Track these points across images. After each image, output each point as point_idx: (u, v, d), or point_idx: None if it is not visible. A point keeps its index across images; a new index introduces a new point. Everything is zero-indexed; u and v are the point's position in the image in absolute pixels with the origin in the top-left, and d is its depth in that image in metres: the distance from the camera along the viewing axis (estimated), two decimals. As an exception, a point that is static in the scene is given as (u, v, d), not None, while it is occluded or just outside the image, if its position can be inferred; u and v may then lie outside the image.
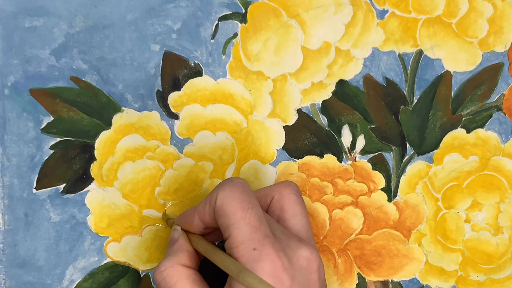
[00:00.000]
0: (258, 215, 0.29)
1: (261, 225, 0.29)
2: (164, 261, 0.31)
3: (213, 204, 0.30)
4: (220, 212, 0.30)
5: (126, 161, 0.36)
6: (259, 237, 0.29)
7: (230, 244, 0.29)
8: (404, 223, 0.39)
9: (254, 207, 0.30)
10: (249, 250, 0.28)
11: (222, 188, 0.30)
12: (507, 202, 0.40)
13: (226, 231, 0.29)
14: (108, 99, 0.35)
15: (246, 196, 0.30)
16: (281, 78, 0.37)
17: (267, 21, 0.36)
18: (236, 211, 0.29)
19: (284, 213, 0.32)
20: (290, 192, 0.33)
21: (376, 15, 0.38)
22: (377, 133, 0.38)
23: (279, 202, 0.33)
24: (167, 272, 0.30)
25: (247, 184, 0.31)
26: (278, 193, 0.33)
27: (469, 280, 0.40)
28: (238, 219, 0.29)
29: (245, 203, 0.29)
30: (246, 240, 0.29)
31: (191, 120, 0.36)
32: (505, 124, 0.40)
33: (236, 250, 0.29)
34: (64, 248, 0.35)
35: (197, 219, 0.32)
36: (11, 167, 0.35)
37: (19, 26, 0.34)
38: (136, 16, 0.35)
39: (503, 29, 0.39)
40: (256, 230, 0.29)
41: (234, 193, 0.30)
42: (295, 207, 0.33)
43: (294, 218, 0.32)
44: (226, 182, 0.31)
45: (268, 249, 0.28)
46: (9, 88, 0.34)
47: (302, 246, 0.30)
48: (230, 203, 0.29)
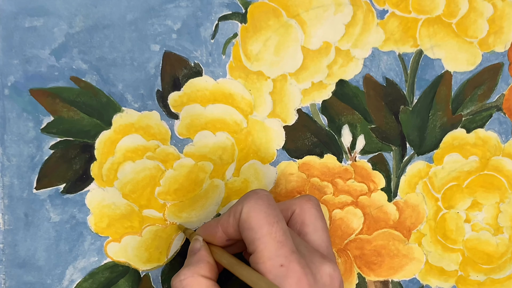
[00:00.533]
0: (284, 230, 0.29)
1: (287, 240, 0.29)
2: (184, 270, 0.31)
3: (237, 217, 0.30)
4: (246, 225, 0.30)
5: (126, 161, 0.36)
6: (286, 253, 0.29)
7: (257, 259, 0.29)
8: (404, 223, 0.39)
9: (280, 221, 0.30)
10: (276, 267, 0.28)
11: (247, 200, 0.30)
12: (507, 202, 0.40)
13: (251, 245, 0.29)
14: (108, 99, 0.35)
15: (272, 210, 0.30)
16: (281, 78, 0.37)
17: (267, 21, 0.36)
18: (262, 225, 0.29)
19: (305, 227, 0.32)
20: (311, 207, 0.33)
21: (376, 15, 0.38)
22: (377, 133, 0.38)
23: (300, 216, 0.33)
24: (186, 281, 0.30)
25: (272, 196, 0.31)
26: (299, 207, 0.33)
27: (469, 280, 0.40)
28: (264, 233, 0.29)
29: (271, 217, 0.29)
30: (273, 256, 0.29)
31: (191, 120, 0.36)
32: (505, 124, 0.40)
33: (263, 266, 0.29)
34: (64, 248, 0.35)
35: (220, 231, 0.32)
36: (11, 167, 0.35)
37: (19, 26, 0.34)
38: (136, 16, 0.35)
39: (503, 29, 0.39)
40: (282, 246, 0.29)
41: (260, 206, 0.30)
42: (316, 222, 0.32)
43: (315, 233, 0.32)
44: (251, 195, 0.30)
45: (295, 266, 0.28)
46: (9, 88, 0.34)
47: (325, 262, 0.30)
48: (255, 216, 0.29)
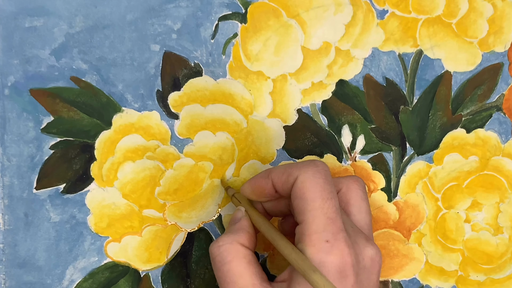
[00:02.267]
0: (336, 207, 0.29)
1: (337, 217, 0.29)
2: (224, 237, 0.31)
3: (291, 181, 0.30)
4: (299, 194, 0.29)
5: (126, 161, 0.36)
6: (334, 230, 0.28)
7: (303, 230, 0.29)
8: (404, 223, 0.39)
9: (334, 198, 0.29)
10: (321, 241, 0.28)
11: (305, 169, 0.30)
12: (507, 202, 0.40)
13: (300, 215, 0.29)
14: (108, 99, 0.35)
15: (328, 185, 0.30)
16: (281, 78, 0.37)
17: (267, 21, 0.36)
18: (315, 198, 0.29)
19: (350, 207, 0.32)
20: (358, 188, 0.33)
21: (376, 15, 0.38)
22: (377, 133, 0.38)
23: (345, 195, 0.32)
24: (224, 247, 0.30)
25: (329, 171, 0.31)
26: (345, 186, 0.33)
27: (469, 280, 0.40)
28: (316, 207, 0.29)
29: (326, 192, 0.29)
30: (321, 230, 0.28)
31: (191, 120, 0.36)
32: (505, 124, 0.40)
33: (308, 238, 0.28)
34: (64, 248, 0.35)
35: (270, 184, 0.31)
36: (11, 167, 0.35)
37: (19, 26, 0.34)
38: (136, 16, 0.35)
39: (503, 29, 0.39)
40: (332, 223, 0.29)
41: (317, 179, 0.29)
42: (362, 203, 0.32)
43: (359, 214, 0.32)
44: (311, 165, 0.30)
45: (340, 244, 0.28)
46: (9, 88, 0.34)
47: (368, 245, 0.30)
48: (311, 188, 0.29)
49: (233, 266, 0.30)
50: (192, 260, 0.37)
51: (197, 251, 0.37)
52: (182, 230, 0.37)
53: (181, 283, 0.37)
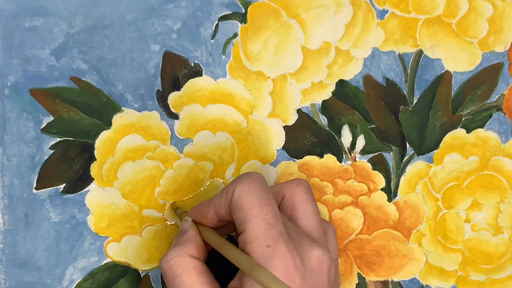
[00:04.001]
0: (274, 212, 0.29)
1: (277, 222, 0.29)
2: (172, 250, 0.31)
3: (229, 197, 0.30)
4: (237, 206, 0.30)
5: (126, 161, 0.36)
6: (274, 235, 0.29)
7: (244, 239, 0.29)
8: (404, 223, 0.39)
9: (271, 204, 0.30)
10: (262, 247, 0.28)
11: (240, 182, 0.30)
12: (507, 202, 0.40)
13: (241, 225, 0.29)
14: (108, 99, 0.35)
15: (263, 192, 0.30)
16: (281, 78, 0.37)
17: (267, 21, 0.36)
18: (253, 206, 0.29)
19: (296, 211, 0.32)
20: (302, 191, 0.33)
21: (376, 15, 0.38)
22: (377, 133, 0.38)
23: (290, 200, 0.32)
24: (173, 261, 0.30)
25: (265, 179, 0.31)
26: (289, 192, 0.33)
27: (469, 280, 0.40)
28: (254, 214, 0.29)
29: (262, 199, 0.29)
30: (261, 236, 0.28)
31: (191, 120, 0.36)
32: (505, 124, 0.40)
33: (250, 246, 0.29)
34: (64, 248, 0.35)
35: (212, 211, 0.32)
36: (11, 167, 0.35)
37: (19, 26, 0.34)
38: (136, 16, 0.35)
39: (503, 29, 0.39)
40: (271, 227, 0.29)
41: (252, 187, 0.30)
42: (307, 206, 0.32)
43: (305, 217, 0.32)
44: (245, 176, 0.30)
45: (281, 247, 0.28)
46: (9, 88, 0.34)
47: (314, 246, 0.30)
48: (247, 197, 0.29)
49: (184, 279, 0.30)
50: (192, 260, 0.37)
51: (197, 251, 0.37)
52: (182, 230, 0.37)
53: (181, 283, 0.37)
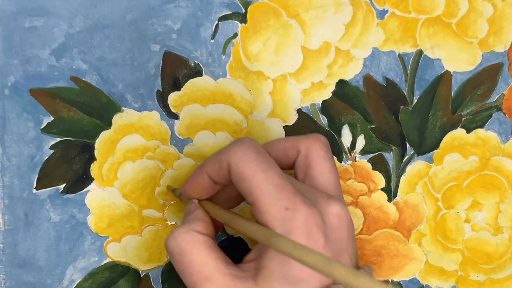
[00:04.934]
0: (280, 174, 0.28)
1: (286, 182, 0.28)
2: (179, 228, 0.29)
3: (225, 167, 0.29)
4: (239, 176, 0.28)
5: (126, 161, 0.36)
6: (288, 195, 0.27)
7: (258, 208, 0.27)
8: (404, 223, 0.39)
9: (273, 167, 0.28)
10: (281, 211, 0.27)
11: (234, 150, 0.28)
12: (507, 202, 0.40)
13: (249, 196, 0.28)
14: (108, 99, 0.35)
15: (262, 157, 0.28)
16: (281, 78, 0.37)
17: (267, 21, 0.36)
18: (255, 173, 0.27)
19: (312, 170, 0.30)
20: (319, 148, 0.31)
21: (376, 15, 0.38)
22: (377, 133, 0.38)
23: (306, 158, 0.31)
24: (182, 237, 0.29)
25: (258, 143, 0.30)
26: (306, 148, 0.31)
27: (469, 280, 0.40)
28: (259, 180, 0.27)
29: (263, 164, 0.28)
30: (275, 200, 0.27)
31: (191, 120, 0.36)
32: (505, 124, 0.40)
33: (267, 214, 0.27)
34: (64, 248, 0.35)
35: (206, 177, 0.30)
36: (11, 167, 0.35)
37: (19, 26, 0.34)
38: (136, 16, 0.35)
39: (503, 29, 0.39)
40: (282, 189, 0.27)
41: (249, 154, 0.28)
42: (324, 164, 0.30)
43: (322, 176, 0.30)
44: (237, 144, 0.29)
45: (301, 207, 0.27)
46: (9, 88, 0.34)
47: (331, 202, 0.28)
48: (247, 166, 0.28)
49: (194, 255, 0.28)
50: (192, 260, 0.37)
51: (197, 251, 0.37)
52: (182, 230, 0.37)
53: (181, 283, 0.37)
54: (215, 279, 0.28)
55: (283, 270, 0.27)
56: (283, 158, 0.32)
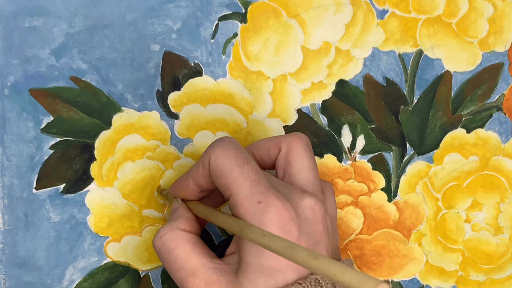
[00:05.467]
0: (256, 169, 0.29)
1: (261, 178, 0.29)
2: (163, 228, 0.31)
3: (207, 166, 0.30)
4: (217, 173, 0.29)
5: (126, 161, 0.36)
6: (262, 190, 0.28)
7: (234, 202, 0.28)
8: (404, 223, 0.39)
9: (250, 162, 0.29)
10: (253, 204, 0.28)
11: (214, 149, 0.30)
12: (507, 202, 0.40)
13: (226, 190, 0.29)
14: (108, 99, 0.35)
15: (239, 153, 0.29)
16: (281, 78, 0.37)
17: (267, 21, 0.36)
18: (232, 168, 0.29)
19: (291, 168, 0.31)
20: (299, 146, 0.31)
21: (376, 15, 0.38)
22: (377, 133, 0.38)
23: (286, 156, 0.32)
24: (166, 236, 0.30)
25: (237, 141, 0.31)
26: (286, 146, 0.32)
27: (469, 280, 0.40)
28: (236, 176, 0.28)
29: (240, 160, 0.29)
30: (249, 194, 0.28)
31: (191, 120, 0.36)
32: (505, 124, 0.40)
33: (241, 207, 0.28)
34: (64, 248, 0.35)
35: (191, 183, 0.31)
36: (11, 167, 0.35)
37: (19, 26, 0.34)
38: (136, 16, 0.35)
39: (503, 29, 0.39)
40: (257, 184, 0.28)
41: (227, 151, 0.29)
42: (303, 162, 0.31)
43: (300, 173, 0.31)
44: (217, 143, 0.30)
45: (273, 200, 0.28)
46: (9, 88, 0.34)
47: (305, 196, 0.29)
48: (224, 162, 0.29)
49: (179, 252, 0.30)
50: (192, 260, 0.37)
51: (197, 251, 0.37)
52: (182, 230, 0.37)
53: (181, 283, 0.37)
54: (199, 274, 0.29)
55: (258, 261, 0.28)
56: (266, 157, 0.33)
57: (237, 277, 0.28)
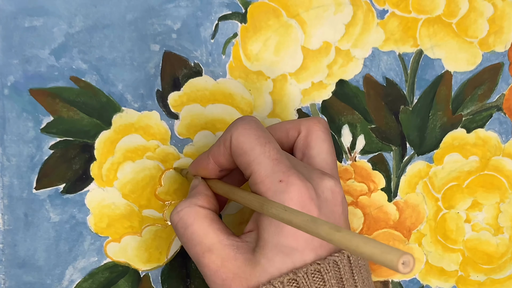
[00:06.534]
0: (277, 149, 0.29)
1: (282, 157, 0.29)
2: (181, 203, 0.31)
3: (228, 145, 0.30)
4: (238, 151, 0.29)
5: (126, 161, 0.36)
6: (283, 169, 0.28)
7: (254, 180, 0.29)
8: (404, 223, 0.39)
9: (271, 141, 0.29)
10: (275, 183, 0.28)
11: (235, 127, 0.30)
12: (507, 202, 0.40)
13: (247, 168, 0.29)
14: (108, 99, 0.35)
15: (261, 132, 0.29)
16: (281, 78, 0.37)
17: (267, 21, 0.36)
18: (254, 147, 0.29)
19: (310, 150, 0.31)
20: (319, 129, 0.32)
21: (376, 15, 0.38)
22: (377, 133, 0.38)
23: (306, 138, 0.32)
24: (184, 212, 0.30)
25: (259, 120, 0.31)
26: (306, 129, 0.32)
27: (469, 280, 0.40)
28: (257, 154, 0.28)
29: (261, 139, 0.29)
30: (270, 173, 0.28)
31: (191, 120, 0.36)
32: (505, 124, 0.40)
33: (261, 185, 0.28)
34: (64, 248, 0.35)
35: (212, 162, 0.31)
36: (11, 167, 0.35)
37: (19, 26, 0.34)
38: (136, 16, 0.35)
39: (503, 29, 0.39)
40: (278, 163, 0.28)
41: (248, 130, 0.29)
42: (322, 145, 0.31)
43: (319, 156, 0.31)
44: (238, 121, 0.30)
45: (294, 179, 0.28)
46: (9, 88, 0.34)
47: (325, 177, 0.29)
48: (246, 140, 0.29)
49: (196, 228, 0.29)
50: (192, 260, 0.37)
51: (197, 251, 0.37)
52: (182, 230, 0.36)
53: (181, 283, 0.37)
54: (216, 250, 0.29)
55: (276, 240, 0.28)
56: (285, 139, 0.33)
57: (254, 255, 0.28)
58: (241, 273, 0.28)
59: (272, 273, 0.27)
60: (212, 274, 0.29)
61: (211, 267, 0.29)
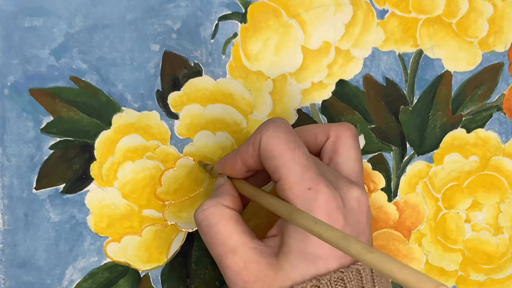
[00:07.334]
0: (307, 155, 0.29)
1: (311, 164, 0.28)
2: (207, 201, 0.30)
3: (257, 147, 0.30)
4: (267, 154, 0.29)
5: (126, 161, 0.36)
6: (312, 176, 0.28)
7: (283, 186, 0.28)
8: (404, 223, 0.39)
9: (301, 146, 0.29)
10: (304, 190, 0.28)
11: (266, 129, 0.29)
12: (507, 202, 0.40)
13: (275, 173, 0.29)
14: (108, 99, 0.35)
15: (291, 136, 0.29)
16: (281, 78, 0.37)
17: (267, 21, 0.36)
18: (283, 151, 0.28)
19: (338, 156, 0.31)
20: (348, 136, 0.32)
21: (376, 15, 0.38)
22: (377, 133, 0.38)
23: (334, 144, 0.32)
24: (209, 211, 0.30)
25: (289, 123, 0.30)
26: (335, 135, 0.32)
27: (469, 280, 0.40)
28: (286, 159, 0.28)
29: (291, 143, 0.29)
30: (299, 180, 0.28)
31: (191, 120, 0.36)
32: (505, 124, 0.40)
33: (290, 192, 0.28)
34: (64, 248, 0.35)
35: (239, 162, 0.31)
36: (11, 167, 0.35)
37: (19, 26, 0.34)
38: (136, 16, 0.35)
39: (503, 29, 0.39)
40: (307, 169, 0.28)
41: (278, 133, 0.29)
42: (350, 152, 0.31)
43: (347, 163, 0.31)
44: (268, 123, 0.30)
45: (322, 188, 0.28)
46: (9, 88, 0.34)
47: (353, 186, 0.29)
48: (276, 144, 0.29)
49: (221, 228, 0.29)
50: (192, 260, 0.37)
51: (197, 251, 0.37)
52: (182, 230, 0.37)
53: (181, 283, 0.37)
54: (240, 252, 0.29)
55: (302, 247, 0.28)
56: (313, 143, 0.33)
57: (277, 260, 0.28)
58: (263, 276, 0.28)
59: (295, 279, 0.28)
60: (234, 276, 0.29)
61: (233, 269, 0.29)
